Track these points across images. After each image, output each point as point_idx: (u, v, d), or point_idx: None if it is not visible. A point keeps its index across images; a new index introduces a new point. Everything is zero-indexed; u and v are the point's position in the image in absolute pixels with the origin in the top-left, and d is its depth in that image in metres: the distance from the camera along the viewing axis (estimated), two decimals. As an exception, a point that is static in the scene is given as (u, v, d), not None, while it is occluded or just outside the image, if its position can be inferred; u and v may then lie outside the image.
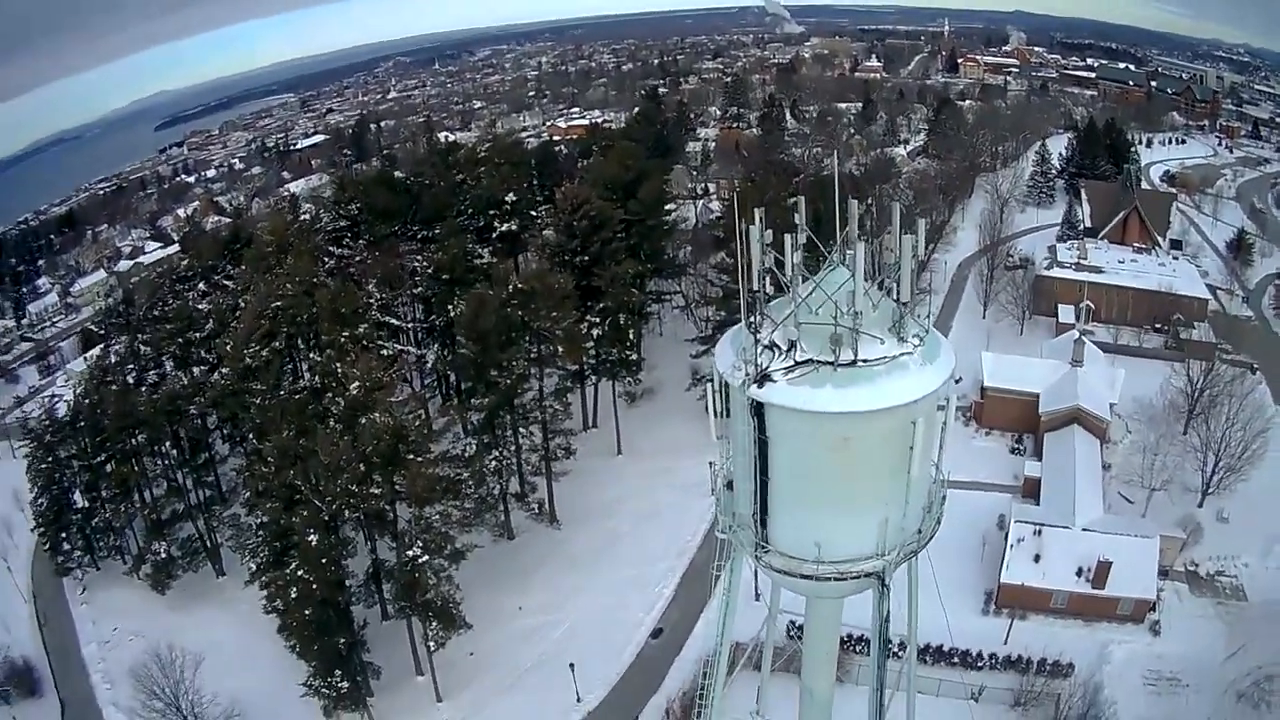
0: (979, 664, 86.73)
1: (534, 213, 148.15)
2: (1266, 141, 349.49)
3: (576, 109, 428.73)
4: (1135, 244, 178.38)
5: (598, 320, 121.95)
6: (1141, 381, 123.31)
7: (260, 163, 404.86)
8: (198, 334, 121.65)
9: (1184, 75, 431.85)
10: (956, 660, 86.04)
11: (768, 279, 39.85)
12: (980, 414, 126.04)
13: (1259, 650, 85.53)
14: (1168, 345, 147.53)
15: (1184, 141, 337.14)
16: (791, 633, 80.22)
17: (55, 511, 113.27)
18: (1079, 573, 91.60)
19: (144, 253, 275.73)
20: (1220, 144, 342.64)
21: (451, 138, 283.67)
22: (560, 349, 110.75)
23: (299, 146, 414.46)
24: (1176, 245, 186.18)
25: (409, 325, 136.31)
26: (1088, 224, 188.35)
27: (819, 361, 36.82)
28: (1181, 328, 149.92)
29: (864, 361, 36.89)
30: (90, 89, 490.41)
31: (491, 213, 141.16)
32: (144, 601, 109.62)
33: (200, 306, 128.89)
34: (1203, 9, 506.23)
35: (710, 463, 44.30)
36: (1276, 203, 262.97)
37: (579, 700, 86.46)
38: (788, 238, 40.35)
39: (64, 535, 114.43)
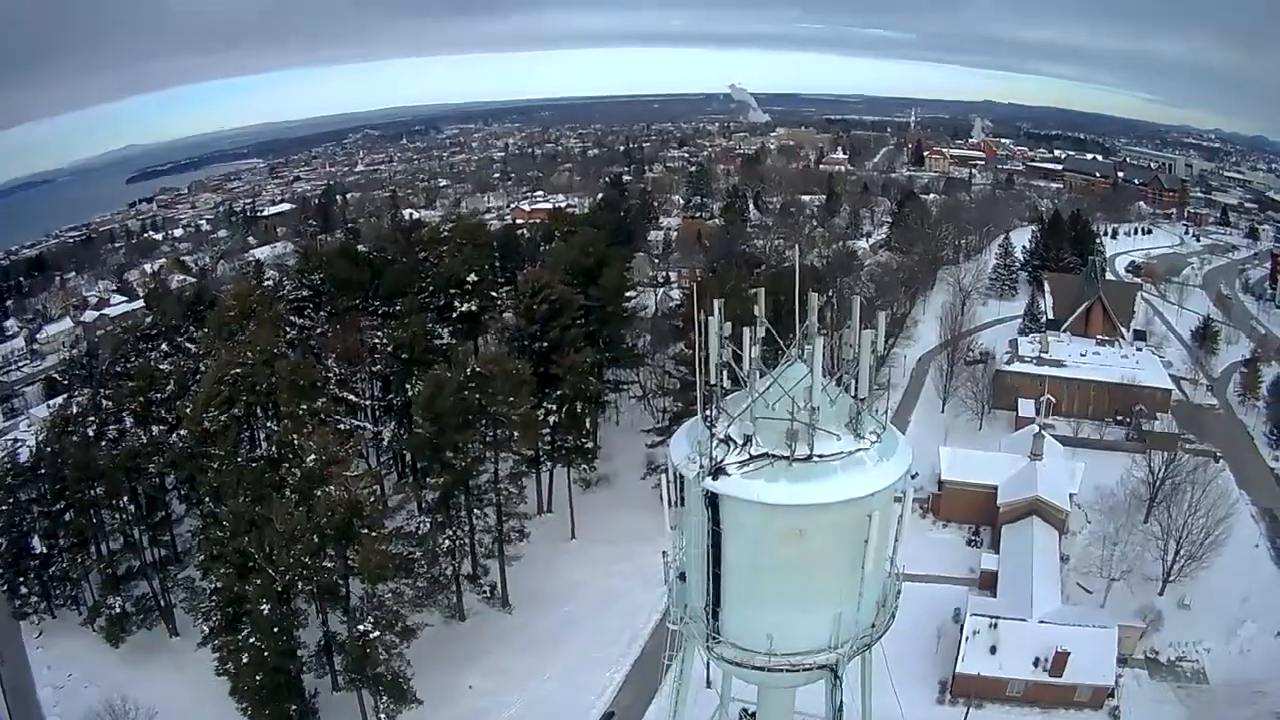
0: None
1: (495, 294, 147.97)
2: (1235, 228, 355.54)
3: (540, 192, 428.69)
4: (1098, 335, 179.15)
5: (554, 407, 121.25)
6: (1102, 473, 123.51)
7: (227, 226, 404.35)
8: (159, 394, 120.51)
9: (1152, 164, 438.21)
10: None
11: (725, 372, 40.03)
12: (938, 506, 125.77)
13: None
14: (1129, 437, 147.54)
15: (1150, 231, 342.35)
16: (744, 718, 79.87)
17: (14, 554, 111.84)
18: (1036, 663, 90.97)
19: (109, 304, 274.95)
20: (1187, 232, 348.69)
21: (416, 215, 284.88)
22: (516, 434, 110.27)
23: (265, 213, 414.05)
24: (1140, 336, 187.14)
25: (366, 402, 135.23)
26: (1050, 316, 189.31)
27: (774, 456, 36.89)
28: (1144, 419, 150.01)
29: (819, 457, 36.99)
30: (64, 134, 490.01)
31: (452, 292, 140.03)
32: (98, 653, 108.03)
33: (162, 366, 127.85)
34: (1172, 95, 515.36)
35: (663, 552, 44.18)
36: (1244, 289, 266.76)
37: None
38: (746, 331, 40.61)
39: (21, 579, 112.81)
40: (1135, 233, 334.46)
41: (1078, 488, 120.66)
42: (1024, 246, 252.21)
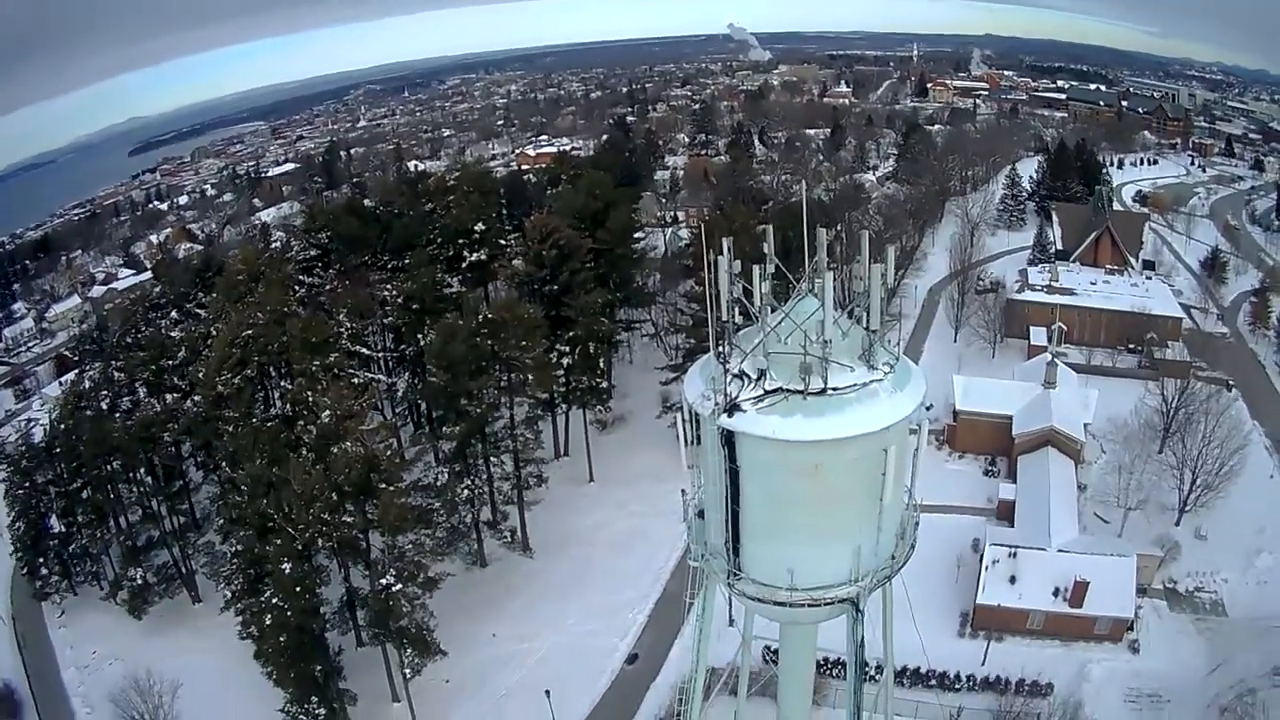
0: (956, 686, 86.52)
1: (503, 242, 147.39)
2: (1240, 159, 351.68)
3: (545, 137, 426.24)
4: (1107, 265, 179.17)
5: (567, 349, 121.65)
6: (1116, 402, 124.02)
7: (232, 190, 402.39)
8: (170, 361, 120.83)
9: (1155, 95, 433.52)
10: (934, 683, 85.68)
11: (736, 308, 39.89)
12: (953, 437, 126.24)
13: (1241, 664, 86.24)
14: (1142, 365, 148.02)
15: (1156, 161, 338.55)
16: (767, 657, 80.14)
17: (33, 536, 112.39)
18: (1055, 593, 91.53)
19: (117, 279, 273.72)
20: (1193, 162, 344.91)
21: (421, 166, 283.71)
22: (530, 378, 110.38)
23: (270, 174, 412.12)
24: (1149, 265, 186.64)
25: (379, 354, 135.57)
26: (1059, 246, 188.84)
27: (788, 390, 36.76)
28: (1156, 347, 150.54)
29: (834, 390, 36.83)
30: (65, 114, 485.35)
31: (461, 242, 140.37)
32: (121, 626, 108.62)
33: (173, 334, 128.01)
34: (1174, 28, 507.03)
35: (681, 490, 44.29)
36: (1251, 220, 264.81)
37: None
38: (756, 267, 40.39)
39: (41, 560, 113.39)
40: (1141, 163, 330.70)
41: (1092, 417, 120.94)
42: (1030, 177, 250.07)
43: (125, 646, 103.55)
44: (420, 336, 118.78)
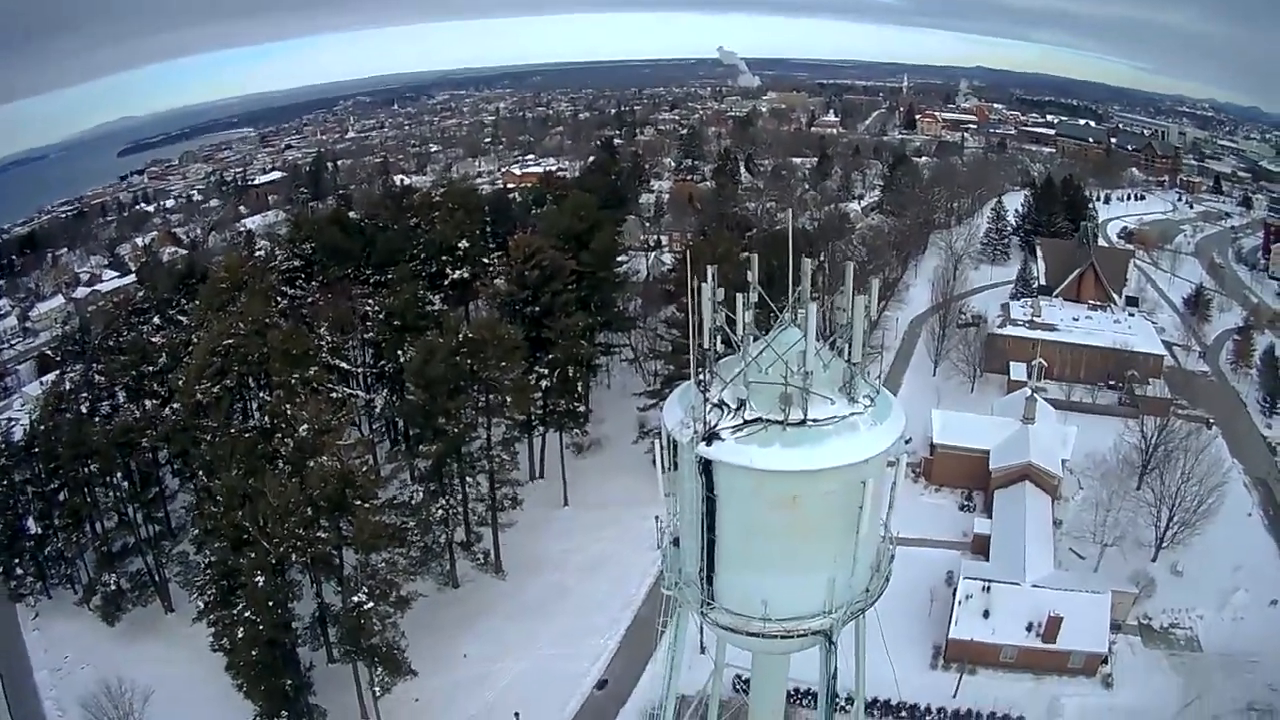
0: (927, 718, 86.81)
1: (486, 260, 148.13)
2: (1228, 196, 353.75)
3: (532, 156, 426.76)
4: (1090, 301, 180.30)
5: (546, 371, 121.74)
6: (1095, 438, 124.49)
7: (218, 195, 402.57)
8: (151, 367, 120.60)
9: (1145, 131, 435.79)
10: (905, 715, 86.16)
11: (719, 336, 39.90)
12: (930, 470, 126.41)
13: (1215, 700, 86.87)
14: (1122, 402, 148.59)
15: (1143, 197, 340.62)
16: (737, 686, 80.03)
17: (9, 537, 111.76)
18: (1029, 628, 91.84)
19: (101, 280, 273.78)
20: (1180, 199, 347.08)
21: (407, 180, 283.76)
22: (508, 399, 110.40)
23: (257, 182, 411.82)
24: (1133, 302, 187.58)
25: (359, 369, 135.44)
26: (1042, 281, 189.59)
27: (768, 420, 36.77)
28: (1136, 384, 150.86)
29: (813, 421, 36.86)
30: (59, 109, 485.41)
31: (444, 258, 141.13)
32: (94, 632, 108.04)
33: (155, 340, 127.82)
34: (1166, 64, 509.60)
35: (656, 517, 44.24)
36: (1237, 258, 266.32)
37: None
38: (740, 296, 40.43)
39: (17, 561, 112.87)
40: (1128, 199, 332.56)
41: (1070, 453, 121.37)
42: (1016, 210, 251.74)
43: (97, 652, 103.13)
44: (400, 353, 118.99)
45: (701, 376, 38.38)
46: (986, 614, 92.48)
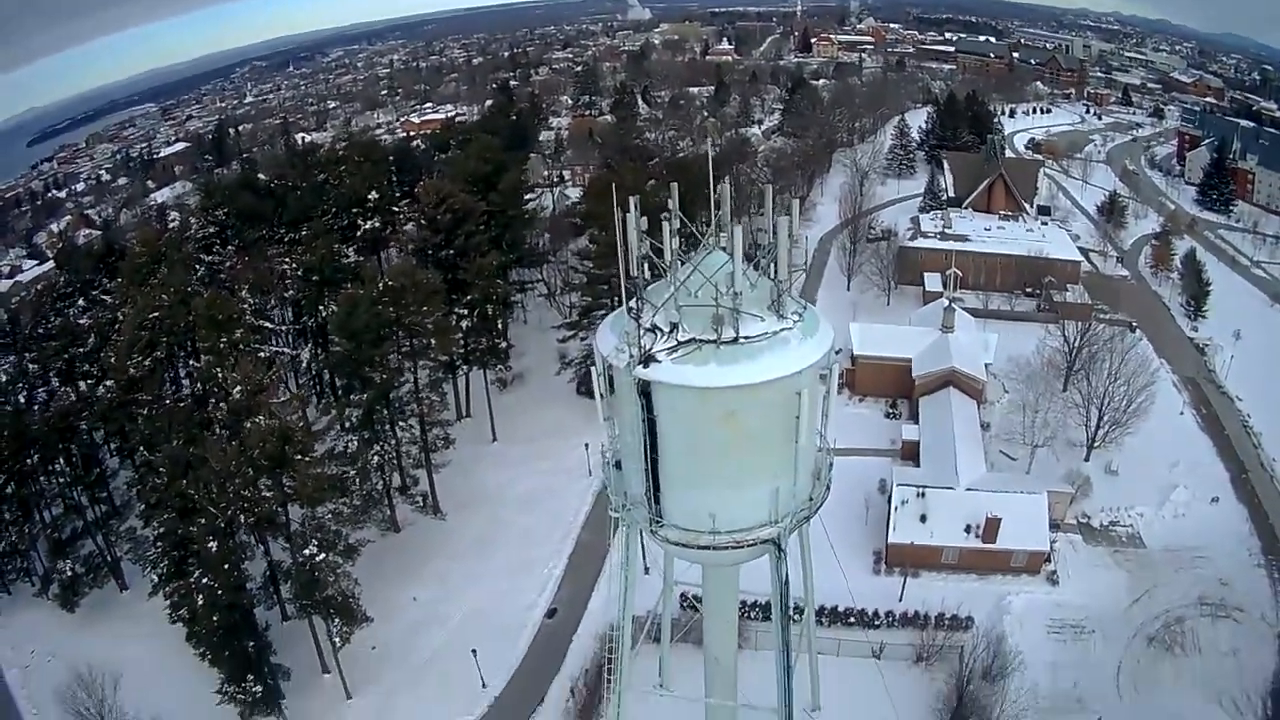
0: (876, 623, 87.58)
1: (395, 209, 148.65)
2: (1138, 107, 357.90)
3: (429, 104, 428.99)
4: (1001, 211, 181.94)
5: (465, 312, 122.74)
6: (1016, 344, 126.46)
7: (125, 173, 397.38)
8: (81, 349, 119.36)
9: (1049, 45, 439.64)
10: (853, 620, 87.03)
11: (645, 264, 41.02)
12: (852, 381, 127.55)
13: (1164, 595, 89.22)
14: (1040, 309, 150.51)
15: (1049, 110, 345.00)
16: (684, 604, 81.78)
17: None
18: (967, 530, 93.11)
19: (22, 271, 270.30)
20: (1088, 111, 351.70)
21: (308, 138, 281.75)
22: (432, 342, 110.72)
23: (161, 155, 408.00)
24: (1045, 211, 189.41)
25: (282, 328, 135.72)
26: (951, 194, 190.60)
27: (702, 341, 38.07)
28: (1054, 291, 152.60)
29: (746, 339, 38.29)
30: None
31: (354, 211, 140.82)
32: (55, 621, 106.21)
33: (81, 321, 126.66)
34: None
35: (586, 445, 45.63)
36: (1150, 165, 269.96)
37: (484, 686, 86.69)
38: (665, 223, 41.54)
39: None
40: (1034, 112, 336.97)
41: (992, 358, 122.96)
42: (920, 127, 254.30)
43: (61, 642, 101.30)
44: (321, 308, 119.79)
45: (633, 303, 39.45)
46: (924, 518, 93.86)
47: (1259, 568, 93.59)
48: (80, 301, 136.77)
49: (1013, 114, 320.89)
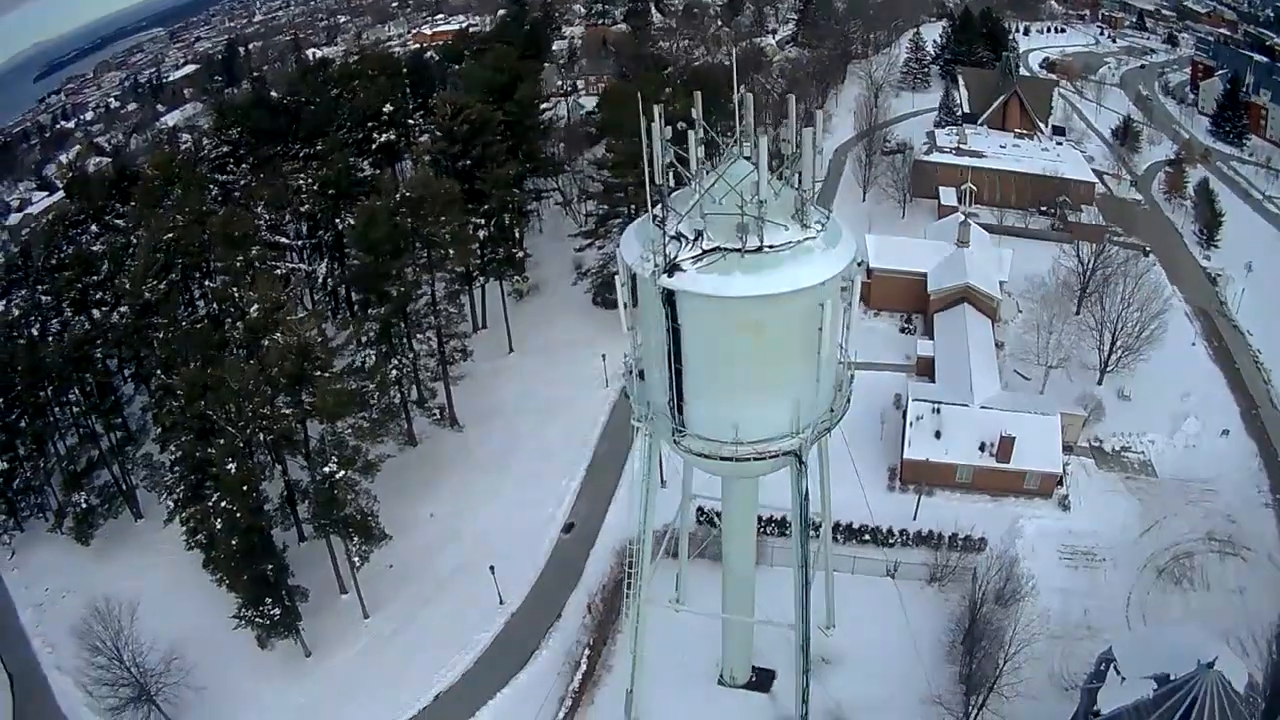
0: (891, 541, 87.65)
1: (411, 121, 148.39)
2: (1152, 33, 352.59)
3: (441, 15, 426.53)
4: (1016, 129, 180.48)
5: (482, 222, 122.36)
6: (1030, 262, 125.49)
7: (135, 99, 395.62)
8: (95, 276, 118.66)
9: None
10: (868, 538, 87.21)
11: (670, 172, 40.78)
12: (868, 294, 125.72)
13: (1175, 527, 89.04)
14: (1055, 227, 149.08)
15: (1064, 30, 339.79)
16: (701, 519, 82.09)
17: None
18: (981, 448, 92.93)
19: (32, 203, 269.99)
20: (1102, 34, 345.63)
21: (319, 54, 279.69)
22: (450, 252, 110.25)
23: (171, 78, 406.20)
24: (1059, 131, 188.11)
25: (298, 244, 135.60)
26: (966, 110, 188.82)
27: (727, 249, 37.98)
28: (1069, 210, 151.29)
29: (770, 248, 38.17)
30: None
31: (369, 125, 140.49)
32: (71, 556, 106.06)
33: (94, 248, 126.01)
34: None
35: (603, 355, 45.70)
36: (1164, 91, 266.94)
37: (502, 602, 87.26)
38: (689, 132, 41.27)
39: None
40: (1048, 31, 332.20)
41: (1007, 275, 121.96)
42: (935, 41, 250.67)
43: (77, 577, 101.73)
44: (338, 222, 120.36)
45: (658, 212, 39.29)
46: (938, 434, 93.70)
47: (1267, 507, 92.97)
48: (93, 228, 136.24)
49: (1027, 31, 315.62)
